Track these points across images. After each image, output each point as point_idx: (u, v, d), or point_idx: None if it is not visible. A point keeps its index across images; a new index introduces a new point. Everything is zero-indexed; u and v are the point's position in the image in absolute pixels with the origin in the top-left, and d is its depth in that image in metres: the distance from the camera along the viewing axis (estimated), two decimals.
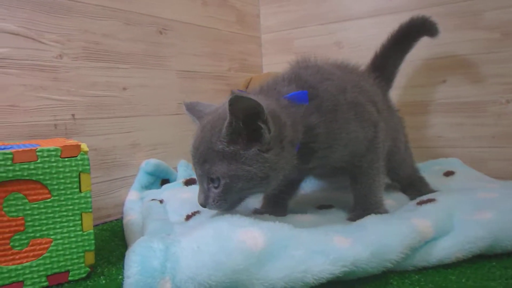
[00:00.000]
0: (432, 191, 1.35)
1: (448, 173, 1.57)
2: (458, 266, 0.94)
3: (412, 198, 1.30)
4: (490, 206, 1.08)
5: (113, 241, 1.23)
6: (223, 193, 0.99)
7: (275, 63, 2.22)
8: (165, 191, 1.46)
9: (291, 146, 1.02)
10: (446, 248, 0.95)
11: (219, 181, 0.99)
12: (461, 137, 1.75)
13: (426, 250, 0.95)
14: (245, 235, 0.85)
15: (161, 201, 1.36)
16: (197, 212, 1.20)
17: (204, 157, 1.00)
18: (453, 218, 1.04)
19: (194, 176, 1.49)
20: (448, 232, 0.99)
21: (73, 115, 1.34)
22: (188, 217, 1.18)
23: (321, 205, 1.30)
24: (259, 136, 0.96)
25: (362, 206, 1.15)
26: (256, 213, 1.09)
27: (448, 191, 1.30)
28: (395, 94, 1.62)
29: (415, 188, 1.39)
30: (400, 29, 1.50)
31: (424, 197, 1.20)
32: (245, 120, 0.95)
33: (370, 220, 1.03)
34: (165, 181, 1.62)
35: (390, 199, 1.32)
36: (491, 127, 1.69)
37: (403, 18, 1.53)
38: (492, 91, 1.67)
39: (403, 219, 1.00)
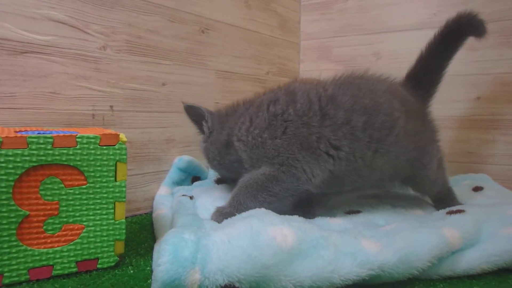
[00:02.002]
0: (459, 204, 1.32)
1: (477, 188, 1.55)
2: (483, 277, 0.95)
3: (439, 209, 1.28)
4: None
5: (142, 233, 1.24)
6: None
7: (313, 69, 2.22)
8: (196, 188, 1.47)
9: (217, 142, 1.32)
10: (472, 260, 0.95)
11: None
12: (493, 154, 1.73)
13: (452, 260, 0.95)
14: (275, 231, 0.86)
15: (191, 197, 1.36)
16: None
17: None
18: (481, 231, 1.03)
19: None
20: (475, 243, 0.99)
21: (111, 106, 1.36)
22: None
23: (350, 211, 1.31)
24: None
25: None
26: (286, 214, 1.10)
27: (477, 205, 1.29)
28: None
29: (443, 201, 1.35)
30: (447, 25, 1.40)
31: (454, 208, 1.19)
32: (196, 121, 1.37)
33: (400, 227, 1.02)
34: (196, 178, 1.62)
35: (419, 209, 1.33)
36: None
37: None
38: None
39: (433, 228, 0.99)
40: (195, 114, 1.36)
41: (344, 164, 1.18)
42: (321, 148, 1.16)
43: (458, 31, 1.40)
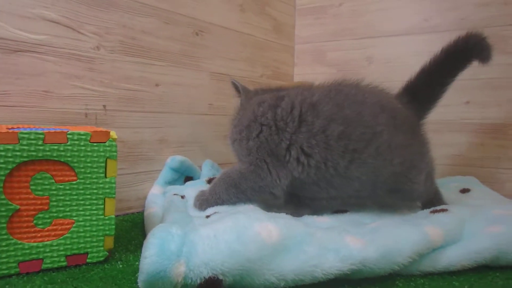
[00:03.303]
0: (445, 204, 1.33)
1: (464, 190, 1.56)
2: (463, 273, 0.96)
3: (424, 209, 1.27)
4: (502, 221, 1.08)
5: (132, 231, 1.26)
6: None
7: (307, 73, 2.24)
8: (188, 188, 1.48)
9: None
10: (453, 256, 0.97)
11: None
12: (481, 157, 1.76)
13: (434, 257, 0.96)
14: (260, 227, 0.87)
15: (182, 197, 1.38)
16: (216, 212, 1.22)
17: None
18: (464, 229, 1.05)
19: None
20: (457, 241, 1.01)
21: (104, 106, 1.37)
22: (207, 216, 1.20)
23: (337, 210, 1.32)
24: None
25: None
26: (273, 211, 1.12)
27: (462, 204, 1.31)
28: None
29: (430, 203, 1.32)
30: (455, 43, 1.33)
31: (438, 207, 1.20)
32: (238, 92, 1.42)
33: (384, 224, 1.04)
34: (188, 178, 1.64)
35: (405, 208, 1.34)
36: (511, 150, 1.70)
37: (436, 38, 1.54)
38: None
39: (416, 226, 1.01)
40: (236, 88, 1.43)
41: (313, 172, 1.20)
42: (292, 154, 1.20)
43: (464, 52, 1.34)
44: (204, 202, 1.26)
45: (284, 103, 1.23)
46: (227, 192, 1.24)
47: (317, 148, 1.18)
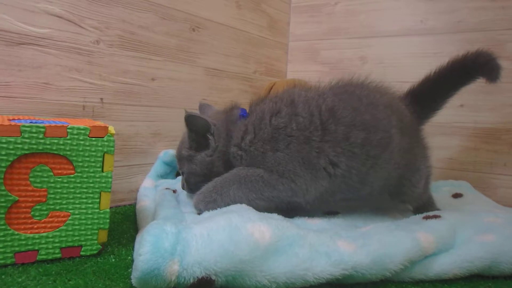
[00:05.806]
0: (437, 209, 1.34)
1: (457, 195, 1.58)
2: (455, 282, 0.96)
3: (416, 214, 1.27)
4: (493, 229, 1.09)
5: (124, 224, 1.28)
6: (186, 182, 1.35)
7: (300, 70, 2.26)
8: (179, 183, 1.49)
9: (221, 152, 1.28)
10: (445, 264, 0.97)
11: (184, 174, 1.35)
12: (474, 161, 1.77)
13: (425, 264, 0.97)
14: (253, 228, 0.89)
15: (174, 191, 1.40)
16: None
17: (178, 158, 1.37)
18: (456, 237, 1.05)
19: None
20: (449, 249, 1.01)
21: (101, 99, 1.39)
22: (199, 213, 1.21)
23: (328, 211, 1.33)
24: (207, 144, 1.27)
25: None
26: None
27: (454, 211, 1.31)
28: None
29: (422, 208, 1.35)
30: (464, 59, 1.34)
31: (430, 213, 1.20)
32: (198, 132, 1.27)
33: (377, 229, 1.05)
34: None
35: (397, 212, 1.35)
36: (504, 155, 1.71)
37: (432, 40, 1.53)
38: (508, 119, 1.70)
39: (408, 232, 1.01)
40: (197, 125, 1.27)
41: (338, 181, 1.19)
42: (321, 163, 1.17)
43: (472, 68, 1.34)
44: (210, 203, 1.18)
45: (301, 110, 1.19)
46: (246, 197, 1.17)
47: (342, 157, 1.17)
